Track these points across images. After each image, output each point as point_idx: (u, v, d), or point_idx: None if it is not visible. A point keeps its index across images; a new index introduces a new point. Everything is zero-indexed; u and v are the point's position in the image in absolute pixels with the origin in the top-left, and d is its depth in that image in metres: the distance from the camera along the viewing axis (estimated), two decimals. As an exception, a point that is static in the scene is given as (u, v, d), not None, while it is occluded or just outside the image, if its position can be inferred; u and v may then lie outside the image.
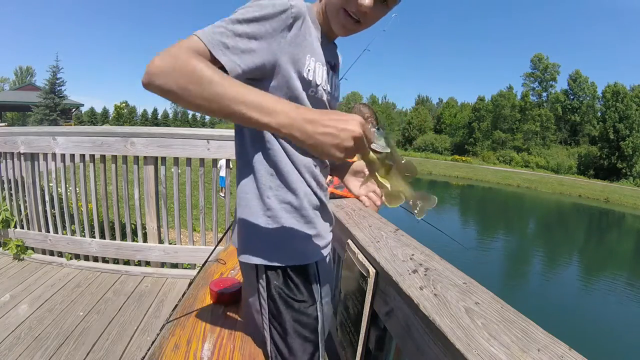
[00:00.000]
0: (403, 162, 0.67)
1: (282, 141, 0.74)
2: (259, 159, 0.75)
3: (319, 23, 0.74)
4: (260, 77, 0.66)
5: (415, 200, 0.68)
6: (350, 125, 0.54)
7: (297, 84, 0.68)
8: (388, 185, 0.66)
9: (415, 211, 0.69)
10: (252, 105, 0.54)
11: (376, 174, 0.66)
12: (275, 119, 0.53)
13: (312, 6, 0.74)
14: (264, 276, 0.78)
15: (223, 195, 2.58)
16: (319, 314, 0.82)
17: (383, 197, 0.70)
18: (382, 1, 0.67)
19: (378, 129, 0.63)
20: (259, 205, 0.76)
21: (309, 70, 0.69)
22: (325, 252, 0.86)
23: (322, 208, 0.84)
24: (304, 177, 0.78)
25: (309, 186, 0.79)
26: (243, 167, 0.78)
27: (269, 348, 0.81)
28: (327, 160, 0.88)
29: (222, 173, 4.80)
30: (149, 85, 0.55)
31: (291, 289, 0.78)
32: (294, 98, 0.68)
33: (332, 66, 0.80)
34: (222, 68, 0.59)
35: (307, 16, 0.68)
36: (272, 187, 0.75)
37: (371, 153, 0.63)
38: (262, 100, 0.54)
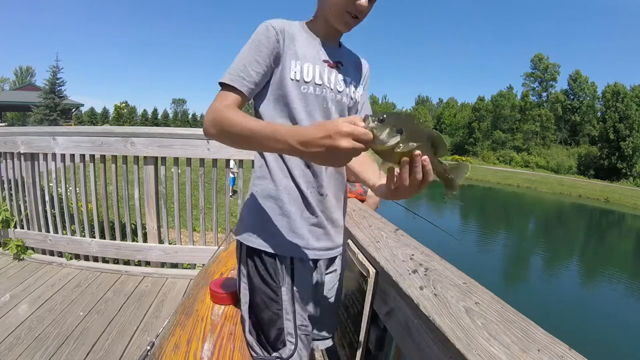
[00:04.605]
0: (427, 135, 0.62)
1: None
2: (257, 154, 0.87)
3: (315, 31, 0.87)
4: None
5: (447, 177, 0.66)
6: (336, 141, 0.58)
7: (287, 83, 0.82)
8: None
9: (449, 190, 0.67)
10: (265, 138, 0.68)
11: (389, 163, 0.64)
12: (281, 145, 0.65)
13: (303, 22, 0.90)
14: (245, 257, 0.87)
15: (231, 195, 2.57)
16: (283, 315, 0.84)
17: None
18: None
19: (377, 120, 0.59)
20: (250, 193, 0.88)
21: (295, 72, 0.82)
22: (305, 255, 0.85)
23: (309, 209, 0.85)
24: (291, 173, 0.83)
25: (295, 182, 0.84)
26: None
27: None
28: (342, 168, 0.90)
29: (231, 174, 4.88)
30: (206, 135, 0.77)
31: (263, 275, 0.84)
32: (283, 95, 0.82)
33: (332, 64, 0.87)
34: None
35: (289, 29, 0.83)
36: (259, 176, 0.87)
37: (378, 146, 0.60)
38: (268, 132, 0.67)
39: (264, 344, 0.85)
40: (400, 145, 0.59)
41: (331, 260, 0.95)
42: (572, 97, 43.32)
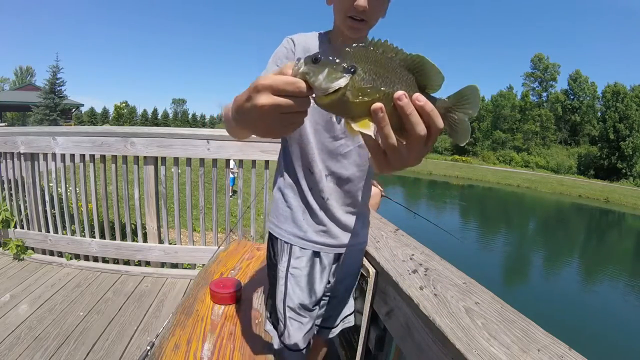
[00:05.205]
0: (404, 64, 0.41)
1: (288, 140, 0.92)
2: (280, 153, 0.98)
3: (334, 41, 0.89)
4: None
5: (454, 116, 0.43)
6: (254, 100, 0.43)
7: None
8: (371, 132, 0.40)
9: (461, 134, 0.44)
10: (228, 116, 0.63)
11: (349, 121, 0.41)
12: (232, 121, 0.57)
13: (326, 32, 0.92)
14: (267, 238, 1.00)
15: (231, 195, 2.56)
16: (277, 294, 0.93)
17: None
18: None
19: (310, 60, 0.40)
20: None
21: None
22: (303, 244, 0.92)
23: (308, 207, 0.91)
24: (296, 173, 0.91)
25: (297, 182, 0.92)
26: None
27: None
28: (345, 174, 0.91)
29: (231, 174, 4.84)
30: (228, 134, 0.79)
31: (271, 254, 0.98)
32: None
33: None
34: None
35: (305, 44, 0.88)
36: (277, 170, 0.99)
37: (321, 99, 0.41)
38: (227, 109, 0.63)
39: (274, 316, 0.99)
40: (355, 88, 0.39)
41: (337, 257, 0.96)
42: (572, 97, 43.30)
